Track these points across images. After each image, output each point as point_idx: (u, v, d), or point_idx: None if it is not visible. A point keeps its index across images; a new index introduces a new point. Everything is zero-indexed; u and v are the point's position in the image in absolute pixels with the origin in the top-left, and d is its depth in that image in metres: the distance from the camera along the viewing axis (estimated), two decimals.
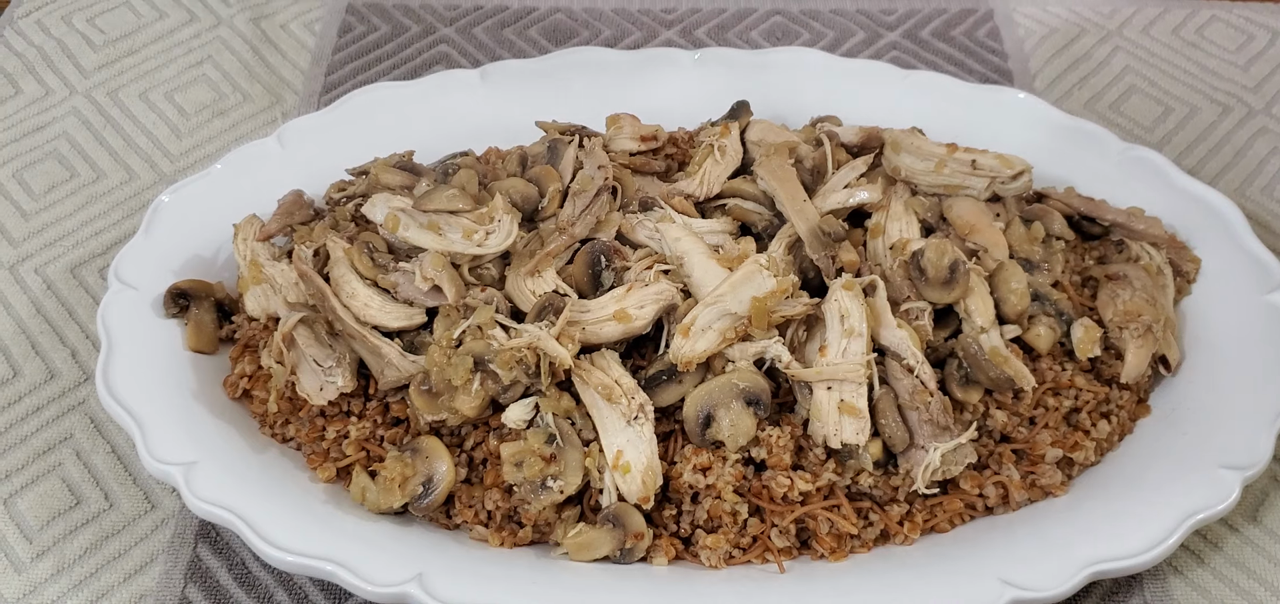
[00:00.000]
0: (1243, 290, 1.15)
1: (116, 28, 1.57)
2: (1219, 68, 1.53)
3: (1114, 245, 1.21)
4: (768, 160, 1.16)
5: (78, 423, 1.14)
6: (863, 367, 1.01)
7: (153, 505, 1.08)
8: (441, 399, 1.01)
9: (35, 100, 1.47)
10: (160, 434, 1.01)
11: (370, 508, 1.02)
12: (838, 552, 1.00)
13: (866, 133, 1.23)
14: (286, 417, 1.08)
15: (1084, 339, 1.09)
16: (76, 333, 1.22)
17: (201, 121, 1.45)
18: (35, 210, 1.34)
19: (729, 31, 1.59)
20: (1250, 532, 1.06)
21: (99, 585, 1.03)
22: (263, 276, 1.14)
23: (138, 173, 1.38)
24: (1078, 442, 1.06)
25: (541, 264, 1.08)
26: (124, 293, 1.13)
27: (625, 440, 0.99)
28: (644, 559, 1.00)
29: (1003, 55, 1.55)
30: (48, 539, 1.06)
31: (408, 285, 1.08)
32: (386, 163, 1.20)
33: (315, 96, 1.48)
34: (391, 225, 1.10)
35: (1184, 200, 1.23)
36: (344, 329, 1.07)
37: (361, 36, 1.56)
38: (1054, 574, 0.95)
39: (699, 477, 1.00)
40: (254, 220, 1.20)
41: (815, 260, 1.09)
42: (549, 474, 0.99)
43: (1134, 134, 1.44)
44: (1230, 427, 1.05)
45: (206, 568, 1.04)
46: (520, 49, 1.56)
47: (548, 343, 1.01)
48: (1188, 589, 1.02)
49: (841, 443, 1.01)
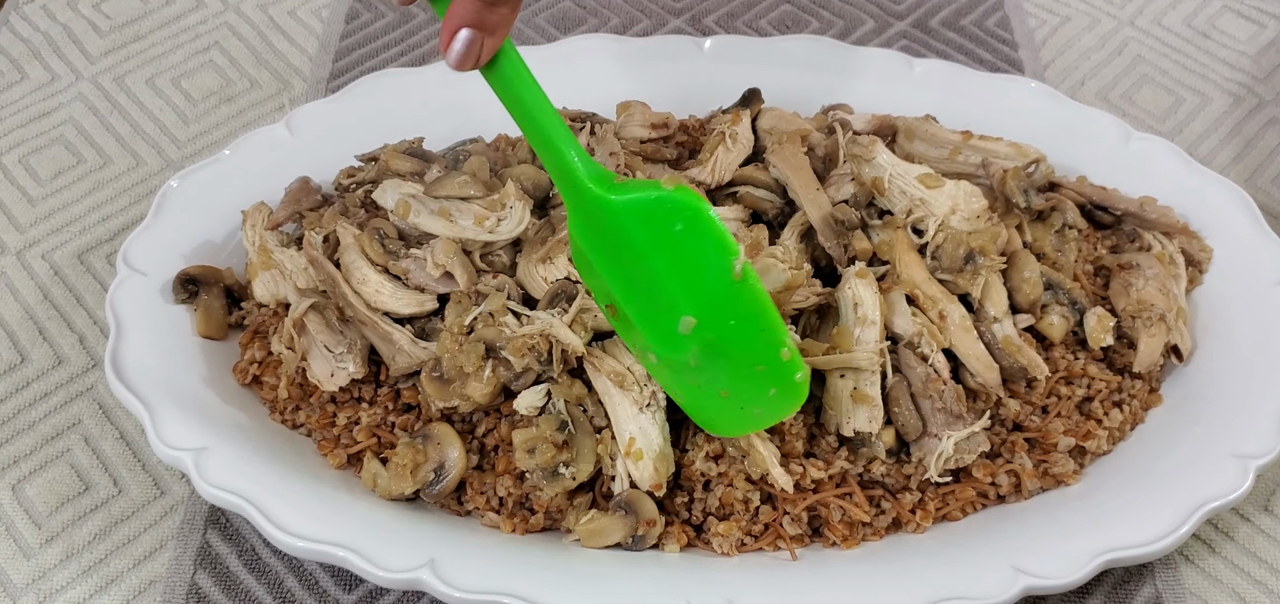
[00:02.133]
0: (1254, 280, 1.15)
1: (123, 13, 1.56)
2: (1231, 58, 1.52)
3: (1126, 235, 1.20)
4: (780, 148, 1.15)
5: (86, 408, 1.14)
6: (876, 355, 1.01)
7: (162, 491, 1.08)
8: (453, 386, 1.01)
9: (41, 86, 1.46)
10: (170, 420, 1.01)
11: (381, 494, 1.02)
12: (850, 539, 1.00)
13: (878, 121, 1.23)
14: (297, 403, 1.08)
15: (1096, 328, 1.08)
16: (84, 318, 1.21)
17: (209, 107, 1.45)
18: (42, 196, 1.33)
19: (738, 19, 1.58)
20: (1262, 520, 1.06)
21: (108, 571, 1.02)
22: (272, 262, 1.14)
23: (145, 159, 1.38)
24: (1090, 430, 1.05)
25: (553, 251, 1.08)
26: (133, 278, 1.13)
27: (637, 427, 0.99)
28: (656, 546, 1.00)
29: (1013, 44, 1.54)
30: (56, 525, 1.05)
31: (419, 272, 1.08)
32: (397, 149, 1.19)
33: (323, 82, 1.48)
34: (402, 212, 1.10)
35: (1196, 190, 1.23)
36: (355, 315, 1.07)
37: (369, 23, 1.56)
38: (1066, 562, 0.95)
39: (711, 464, 1.00)
40: (263, 207, 1.19)
41: (828, 248, 1.09)
42: (561, 461, 0.98)
43: (1146, 124, 1.44)
44: (1242, 416, 1.05)
45: (216, 554, 1.03)
46: (528, 36, 1.55)
47: (560, 330, 1.00)
48: (1199, 578, 1.02)
49: (854, 431, 1.01)
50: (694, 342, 0.93)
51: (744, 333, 0.92)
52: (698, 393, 0.97)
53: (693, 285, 0.91)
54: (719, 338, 0.92)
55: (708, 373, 0.94)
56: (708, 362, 0.93)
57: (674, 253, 0.90)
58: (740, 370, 0.94)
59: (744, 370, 0.94)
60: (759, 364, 0.93)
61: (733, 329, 0.92)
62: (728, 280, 0.90)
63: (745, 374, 0.94)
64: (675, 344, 0.93)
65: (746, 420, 0.97)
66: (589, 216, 0.92)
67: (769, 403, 0.95)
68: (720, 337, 0.92)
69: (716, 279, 0.90)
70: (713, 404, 0.97)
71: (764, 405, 0.96)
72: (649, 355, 0.96)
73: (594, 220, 0.92)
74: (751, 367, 0.94)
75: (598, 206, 0.91)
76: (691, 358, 0.93)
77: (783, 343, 0.93)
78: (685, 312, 0.91)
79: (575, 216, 0.93)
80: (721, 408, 0.97)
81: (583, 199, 0.92)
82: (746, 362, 0.93)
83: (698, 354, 0.93)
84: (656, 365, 0.97)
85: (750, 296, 0.91)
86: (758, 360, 0.93)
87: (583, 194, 0.91)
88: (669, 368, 0.96)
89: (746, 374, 0.94)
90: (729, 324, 0.92)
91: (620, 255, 0.92)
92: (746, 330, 0.92)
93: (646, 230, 0.90)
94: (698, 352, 0.93)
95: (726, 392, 0.95)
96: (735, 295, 0.91)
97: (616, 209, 0.91)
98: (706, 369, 0.94)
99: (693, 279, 0.91)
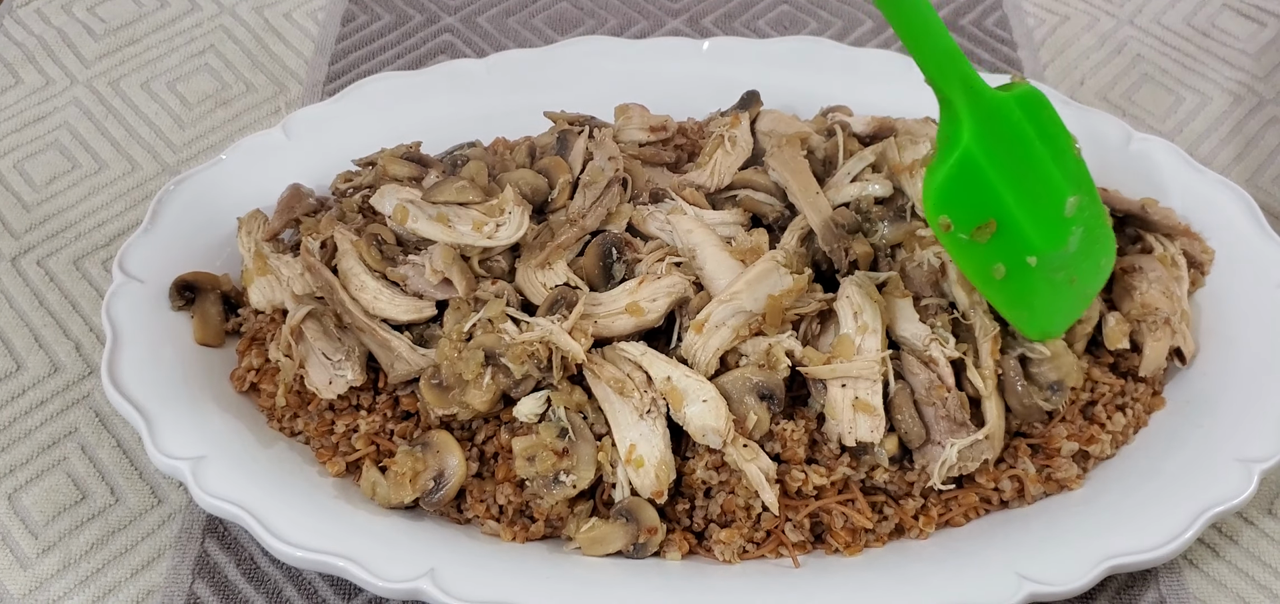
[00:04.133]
0: (1257, 281, 1.15)
1: (117, 17, 1.55)
2: (1231, 56, 1.52)
3: (1128, 237, 1.20)
4: (779, 151, 1.15)
5: (82, 417, 1.13)
6: (877, 364, 1.00)
7: (159, 500, 1.07)
8: (452, 393, 1.00)
9: (36, 90, 1.45)
10: (167, 429, 1.00)
11: (381, 503, 1.01)
12: (853, 546, 0.99)
13: (878, 122, 1.22)
14: (295, 410, 1.07)
15: (1115, 331, 1.08)
16: (80, 325, 1.21)
17: (204, 111, 1.44)
18: (37, 202, 1.32)
19: (736, 21, 1.58)
20: (1266, 524, 1.05)
21: (105, 581, 1.02)
22: (268, 268, 1.13)
23: (140, 163, 1.37)
24: (1094, 435, 1.05)
25: (552, 256, 1.07)
26: (129, 285, 1.12)
27: (638, 434, 0.99)
28: (657, 554, 0.99)
29: (1012, 44, 1.54)
30: (53, 534, 1.05)
31: (417, 278, 1.07)
32: (394, 154, 1.19)
33: (319, 86, 1.47)
34: (400, 217, 1.09)
35: (1197, 191, 1.22)
36: (353, 322, 1.06)
37: (365, 26, 1.55)
38: (1070, 568, 0.94)
39: (712, 472, 0.99)
40: (258, 214, 1.19)
41: (828, 252, 1.08)
42: (561, 469, 0.98)
43: (1145, 123, 1.43)
44: (1245, 418, 1.05)
45: (214, 563, 1.03)
46: (525, 39, 1.55)
47: (560, 337, 1.00)
48: (1203, 582, 1.02)
49: (856, 441, 1.00)
50: (1078, 221, 1.01)
51: (1094, 203, 1.04)
52: (1053, 290, 1.02)
53: (1066, 167, 1.00)
54: (1088, 211, 1.02)
55: (1079, 257, 1.02)
56: (1083, 242, 1.02)
57: (1049, 139, 0.99)
58: (1094, 243, 1.04)
59: (1096, 242, 1.04)
60: (1102, 231, 1.05)
61: (1088, 201, 1.03)
62: (1077, 158, 1.02)
63: (1096, 248, 1.05)
64: (1061, 230, 1.00)
65: (1082, 302, 1.06)
66: (989, 122, 0.95)
67: (1099, 274, 1.06)
68: (1088, 210, 1.02)
69: (1073, 158, 1.01)
70: (1061, 297, 1.03)
71: (1096, 279, 1.06)
72: (1028, 260, 0.99)
73: (992, 124, 0.96)
74: (1098, 236, 1.05)
75: (997, 107, 0.96)
76: (1073, 241, 1.01)
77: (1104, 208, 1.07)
78: (1069, 193, 1.00)
79: (976, 127, 0.95)
80: (1067, 299, 1.04)
81: (983, 104, 0.95)
82: (1098, 232, 1.04)
83: (1080, 235, 1.01)
84: (1029, 271, 0.99)
85: (1086, 170, 1.03)
86: (1101, 229, 1.05)
87: (984, 99, 0.95)
88: (1043, 267, 1.00)
89: (1097, 247, 1.05)
90: (1088, 197, 1.03)
91: (1016, 153, 0.97)
92: (1094, 201, 1.04)
93: (1032, 121, 0.98)
94: (1080, 233, 1.01)
95: (1076, 277, 1.03)
96: (1081, 170, 1.02)
97: (1010, 104, 0.97)
98: (1079, 252, 1.02)
99: (1064, 160, 1.00)
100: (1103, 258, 1.06)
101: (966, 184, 0.96)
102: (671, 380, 1.00)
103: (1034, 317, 1.02)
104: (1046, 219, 0.99)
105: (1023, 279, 0.99)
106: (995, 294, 1.00)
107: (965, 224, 0.96)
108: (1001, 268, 0.98)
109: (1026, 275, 0.99)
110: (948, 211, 0.96)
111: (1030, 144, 0.98)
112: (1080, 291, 1.05)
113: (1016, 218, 0.97)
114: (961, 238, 0.96)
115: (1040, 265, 0.99)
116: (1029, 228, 0.98)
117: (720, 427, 0.97)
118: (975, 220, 0.96)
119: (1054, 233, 1.00)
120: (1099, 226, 1.05)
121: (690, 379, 1.00)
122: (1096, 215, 1.05)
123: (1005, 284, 0.99)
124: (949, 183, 0.95)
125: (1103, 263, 1.06)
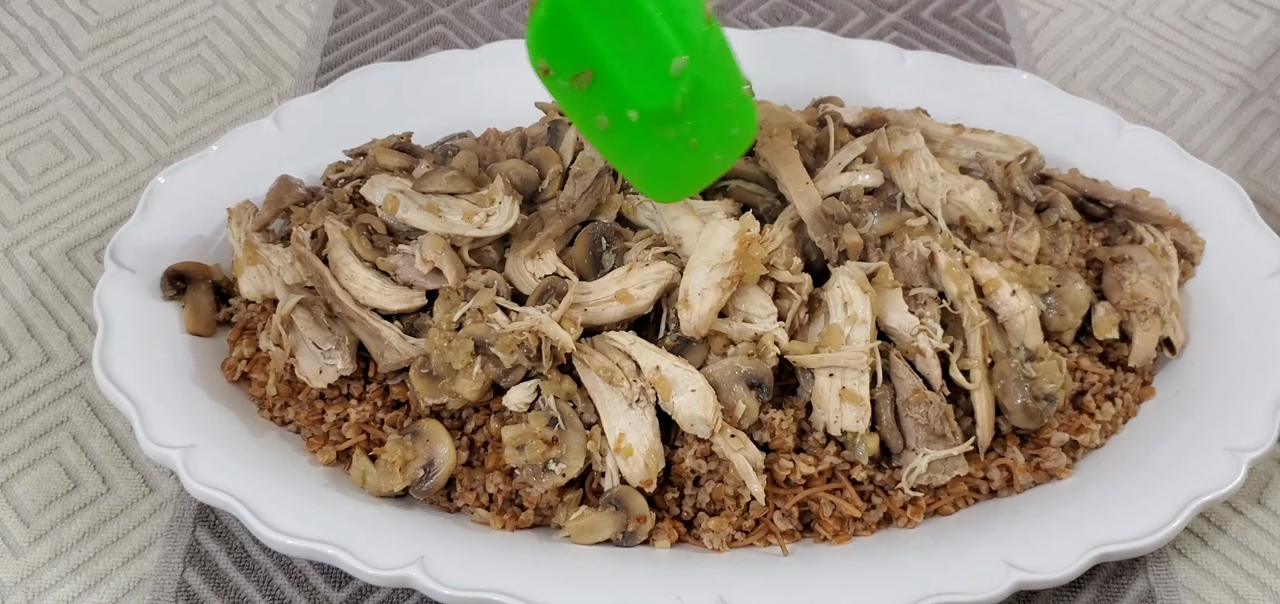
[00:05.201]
0: (1247, 272, 1.15)
1: (110, 8, 1.55)
2: (1223, 48, 1.52)
3: (1118, 227, 1.20)
4: (770, 141, 1.15)
5: (74, 406, 1.13)
6: (865, 354, 1.00)
7: (150, 489, 1.07)
8: (442, 382, 1.01)
9: (28, 81, 1.45)
10: (158, 417, 1.00)
11: (371, 491, 1.01)
12: (841, 535, 1.00)
13: (869, 113, 1.22)
14: (285, 400, 1.07)
15: (1104, 321, 1.08)
16: (72, 316, 1.21)
17: (197, 103, 1.44)
18: (29, 192, 1.32)
19: (729, 11, 1.58)
20: (1255, 513, 1.06)
21: (97, 569, 1.02)
22: (258, 257, 1.13)
23: (133, 154, 1.37)
24: (1083, 424, 1.05)
25: (542, 246, 1.07)
26: (120, 275, 1.12)
27: (627, 423, 0.99)
28: (646, 542, 1.00)
29: (1005, 36, 1.54)
30: (45, 523, 1.05)
31: (407, 267, 1.07)
32: (385, 144, 1.19)
33: (311, 77, 1.47)
34: (391, 207, 1.09)
35: (1188, 182, 1.22)
36: (343, 312, 1.06)
37: (357, 17, 1.55)
38: (1058, 557, 0.94)
39: (701, 461, 0.99)
40: (248, 205, 1.19)
41: (818, 242, 1.08)
42: (551, 457, 0.98)
43: (1138, 115, 1.44)
44: (1234, 408, 1.05)
45: (205, 551, 1.03)
46: (517, 30, 1.54)
47: (549, 326, 1.00)
48: (1192, 571, 1.02)
49: (842, 430, 1.00)
50: (684, 81, 0.97)
51: (720, 69, 1.01)
52: (667, 150, 1.01)
53: (680, 27, 0.97)
54: (703, 74, 0.98)
55: (689, 118, 1.00)
56: (691, 104, 0.99)
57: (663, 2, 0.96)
58: (715, 109, 1.01)
59: (718, 109, 1.01)
60: (730, 101, 1.02)
61: (711, 65, 0.99)
62: (703, 21, 0.98)
63: (718, 113, 1.02)
64: (666, 88, 0.97)
65: (710, 168, 1.05)
66: None
67: (730, 143, 1.04)
68: (704, 73, 0.98)
69: (696, 20, 0.98)
70: (679, 159, 1.02)
71: (726, 147, 1.04)
72: (629, 115, 0.98)
73: None
74: (724, 104, 1.02)
75: None
76: (679, 101, 0.98)
77: (743, 80, 1.02)
78: (677, 52, 0.96)
79: None
80: (687, 162, 1.03)
81: None
82: (722, 98, 1.01)
83: (685, 96, 0.98)
84: (633, 125, 0.98)
85: (719, 37, 1.00)
86: (729, 98, 1.02)
87: None
88: (648, 123, 0.99)
89: (719, 113, 1.02)
90: (709, 61, 0.99)
91: (616, 6, 0.95)
92: (721, 67, 1.01)
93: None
94: (686, 93, 0.98)
95: (696, 140, 1.01)
96: (709, 35, 0.99)
97: None
98: (689, 113, 0.99)
99: (679, 21, 0.96)
100: (733, 127, 1.03)
101: (559, 30, 0.95)
102: (660, 370, 1.00)
103: (648, 175, 1.04)
104: (647, 74, 0.97)
105: (627, 133, 0.99)
106: (603, 146, 1.01)
107: (563, 71, 0.96)
108: (604, 119, 0.98)
109: (630, 129, 0.99)
110: (545, 56, 0.96)
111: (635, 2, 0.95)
112: (704, 156, 1.03)
113: (611, 69, 0.96)
114: (563, 85, 0.97)
115: (644, 121, 0.98)
116: (625, 80, 0.97)
117: (708, 417, 0.97)
118: (572, 68, 0.96)
119: (655, 89, 0.97)
120: (723, 93, 1.02)
121: (679, 369, 1.00)
122: (718, 81, 1.01)
123: (610, 136, 0.99)
124: (541, 26, 0.95)
125: (733, 132, 1.03)
